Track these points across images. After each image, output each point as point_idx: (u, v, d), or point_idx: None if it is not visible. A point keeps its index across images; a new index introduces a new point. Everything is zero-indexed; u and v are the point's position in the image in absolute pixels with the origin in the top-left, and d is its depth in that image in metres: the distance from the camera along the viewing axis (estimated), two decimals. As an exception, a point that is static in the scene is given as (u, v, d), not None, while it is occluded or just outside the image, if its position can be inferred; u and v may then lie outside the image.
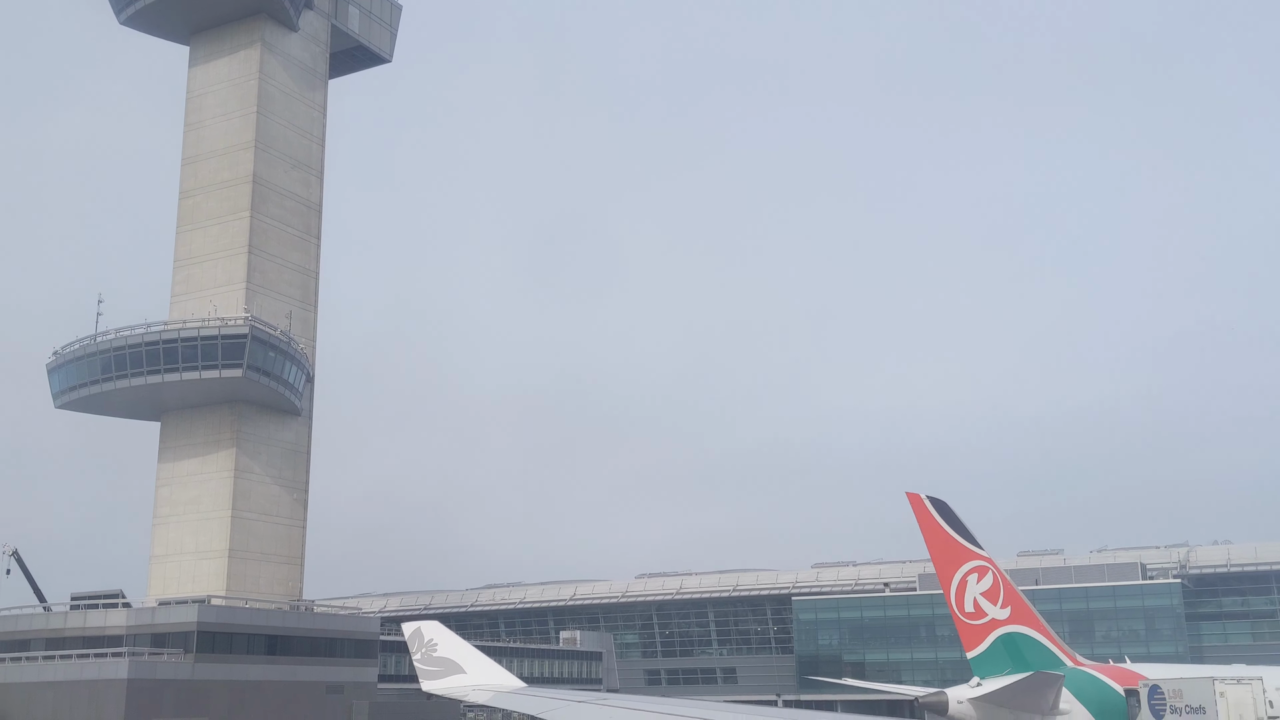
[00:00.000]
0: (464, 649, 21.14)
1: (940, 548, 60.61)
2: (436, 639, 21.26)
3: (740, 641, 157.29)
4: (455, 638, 21.50)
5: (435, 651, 21.12)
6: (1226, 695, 52.65)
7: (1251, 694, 53.26)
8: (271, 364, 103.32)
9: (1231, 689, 53.17)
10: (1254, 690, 53.47)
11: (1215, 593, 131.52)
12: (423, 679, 20.71)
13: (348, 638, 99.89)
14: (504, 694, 19.21)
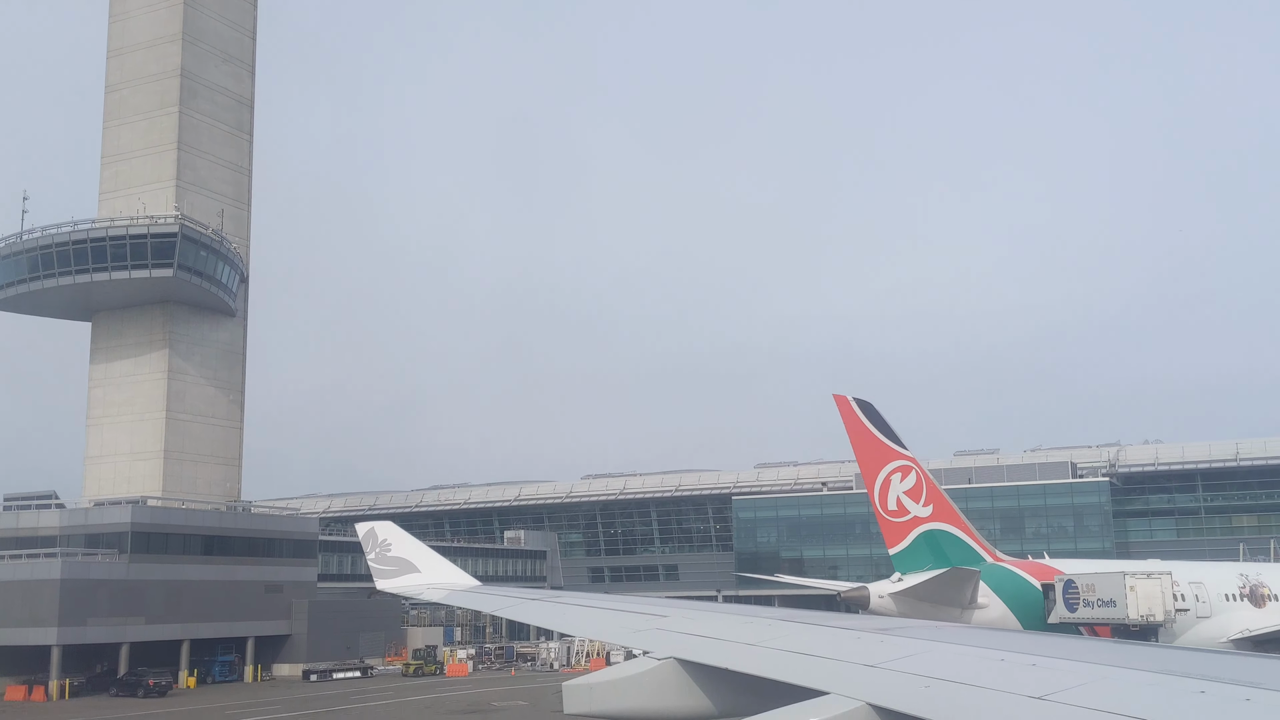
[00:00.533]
0: (418, 548, 21.30)
1: (865, 448, 61.35)
2: (390, 539, 21.40)
3: (682, 540, 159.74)
4: (409, 537, 21.65)
5: (389, 551, 21.22)
6: (1136, 589, 54.23)
7: (1160, 587, 54.90)
8: (203, 263, 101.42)
9: (1141, 583, 54.76)
10: (1163, 584, 55.12)
11: (1143, 491, 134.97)
12: (377, 578, 20.79)
13: (286, 538, 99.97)
14: (458, 592, 19.39)
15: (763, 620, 11.61)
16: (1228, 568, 70.39)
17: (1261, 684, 6.60)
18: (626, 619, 13.66)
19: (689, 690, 9.55)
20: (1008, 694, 7.16)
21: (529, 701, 70.01)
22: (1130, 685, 7.07)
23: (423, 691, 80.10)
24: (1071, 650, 8.68)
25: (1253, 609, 65.48)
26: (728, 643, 10.37)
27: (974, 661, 8.40)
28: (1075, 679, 7.18)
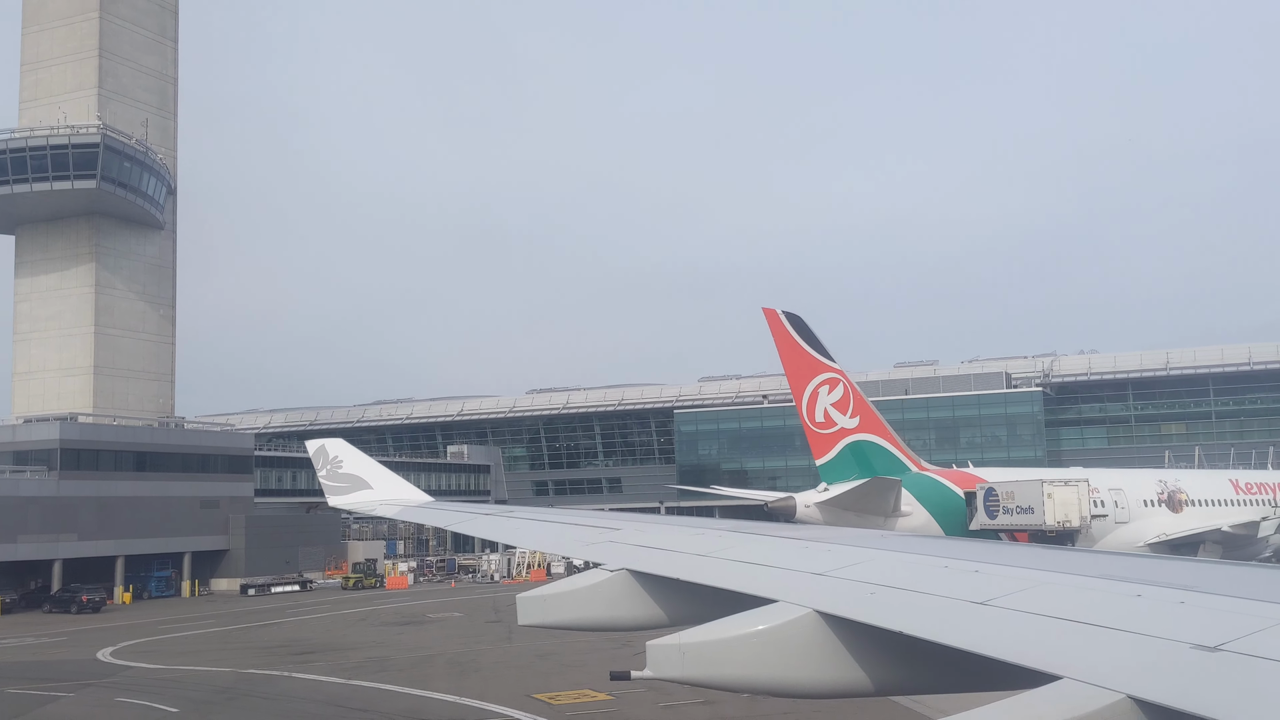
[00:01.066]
0: (369, 465, 21.07)
1: (793, 360, 61.60)
2: (341, 455, 21.15)
3: (625, 453, 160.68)
4: (359, 454, 21.38)
5: (340, 468, 20.99)
6: (1053, 496, 55.35)
7: (1077, 494, 56.09)
8: (127, 175, 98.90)
9: (1058, 490, 55.89)
10: (1079, 491, 56.30)
11: (1075, 400, 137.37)
12: (328, 495, 20.61)
13: (221, 453, 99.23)
14: (411, 508, 19.28)
15: (713, 532, 11.69)
16: (1147, 475, 72.06)
17: (1194, 587, 6.79)
18: (579, 532, 13.79)
19: (641, 600, 9.72)
20: (949, 599, 7.33)
21: (464, 613, 70.65)
22: (1068, 590, 7.22)
23: (360, 604, 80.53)
24: (1013, 557, 8.85)
25: (1170, 514, 67.24)
26: (679, 554, 10.56)
27: (918, 569, 8.57)
28: (1015, 584, 7.34)
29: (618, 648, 49.60)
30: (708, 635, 7.59)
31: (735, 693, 7.88)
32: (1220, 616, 6.11)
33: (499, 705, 35.21)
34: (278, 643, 56.51)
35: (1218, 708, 4.84)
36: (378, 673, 43.74)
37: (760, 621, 7.52)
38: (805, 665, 7.39)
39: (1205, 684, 5.24)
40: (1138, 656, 5.73)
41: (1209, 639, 5.62)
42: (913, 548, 9.81)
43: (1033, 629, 6.49)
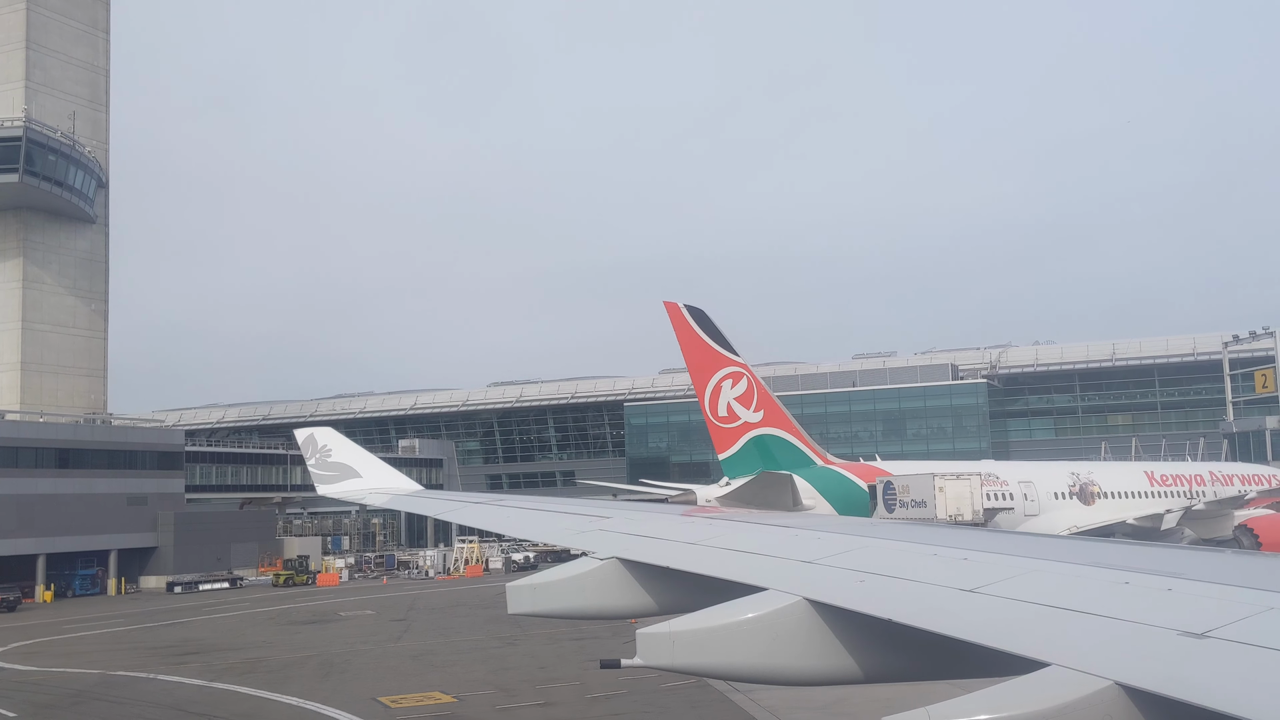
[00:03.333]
0: (358, 454, 21.11)
1: (695, 354, 61.11)
2: (330, 444, 21.25)
3: (580, 446, 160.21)
4: (349, 443, 21.40)
5: (330, 457, 21.03)
6: (945, 490, 55.03)
7: (969, 488, 55.79)
8: (54, 169, 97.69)
9: (950, 484, 55.57)
10: (971, 485, 56.01)
11: (1023, 391, 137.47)
12: (318, 484, 20.57)
13: (150, 449, 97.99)
14: (401, 496, 19.40)
15: (703, 520, 11.97)
16: (1060, 467, 71.85)
17: (1182, 574, 6.88)
18: (569, 520, 13.75)
19: (631, 588, 9.75)
20: (938, 587, 7.40)
21: (376, 611, 69.95)
22: (1056, 577, 7.30)
23: (280, 602, 79.77)
24: (1003, 545, 8.95)
25: (1081, 506, 67.04)
26: (669, 542, 10.61)
27: (907, 557, 8.62)
28: (1004, 572, 7.41)
29: (503, 647, 49.15)
30: (698, 623, 7.67)
31: (726, 680, 8.09)
32: (1207, 603, 6.19)
33: (336, 709, 34.58)
34: (168, 643, 55.72)
35: (1205, 694, 4.86)
36: (244, 675, 43.04)
37: (750, 609, 7.57)
38: (795, 653, 7.44)
39: (1192, 670, 5.24)
40: (1125, 643, 5.77)
41: (1196, 626, 5.64)
42: (902, 535, 9.85)
43: (1021, 616, 6.53)
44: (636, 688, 36.72)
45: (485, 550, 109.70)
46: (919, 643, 6.88)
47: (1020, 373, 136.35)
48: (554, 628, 55.63)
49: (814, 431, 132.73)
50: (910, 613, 6.99)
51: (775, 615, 7.49)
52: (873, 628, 7.19)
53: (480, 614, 65.09)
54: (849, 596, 7.53)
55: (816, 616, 7.45)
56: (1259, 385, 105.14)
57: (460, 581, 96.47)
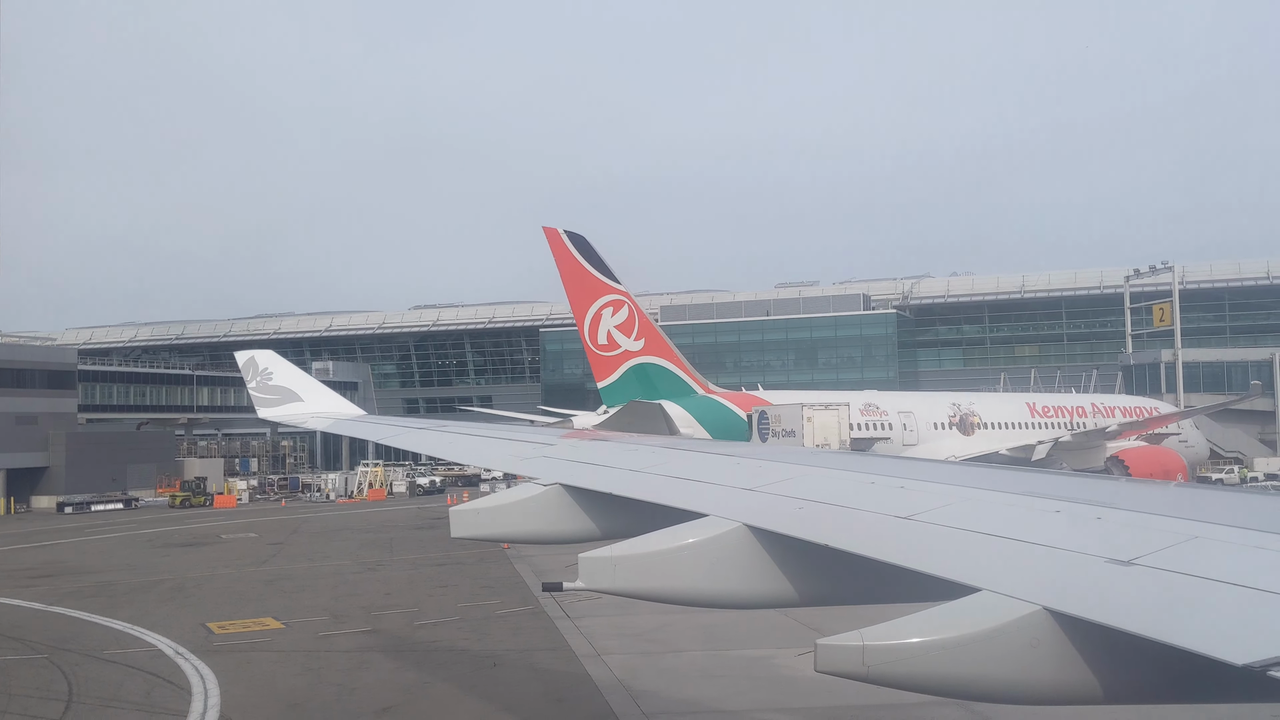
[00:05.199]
0: (300, 377, 20.52)
1: (575, 281, 60.58)
2: (271, 367, 20.63)
3: (497, 371, 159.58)
4: (291, 366, 20.75)
5: (270, 380, 20.41)
6: (813, 420, 55.36)
7: (837, 419, 56.18)
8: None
9: (818, 414, 55.92)
10: (839, 415, 56.40)
11: (934, 322, 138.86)
12: (258, 406, 19.99)
13: (39, 368, 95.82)
14: (343, 420, 18.90)
15: (647, 449, 11.82)
16: (942, 398, 72.80)
17: (1112, 504, 7.06)
18: (513, 447, 13.81)
19: (573, 514, 9.85)
20: (875, 514, 7.53)
21: (259, 534, 69.27)
22: (990, 505, 7.44)
23: (170, 524, 78.74)
24: (939, 474, 8.99)
25: (961, 437, 68.01)
26: (612, 469, 10.71)
27: (846, 485, 8.71)
28: (939, 500, 7.53)
29: (361, 573, 48.85)
30: (639, 548, 7.79)
31: (665, 603, 8.09)
32: (1135, 532, 6.29)
33: (158, 635, 34.01)
34: (28, 565, 54.71)
35: (1128, 619, 5.02)
36: (87, 599, 42.30)
37: (691, 535, 7.72)
38: (734, 577, 7.60)
39: (1117, 597, 5.41)
40: (1054, 570, 5.94)
41: (1123, 554, 5.79)
42: (841, 464, 9.99)
43: (954, 543, 6.68)
44: (468, 614, 36.66)
45: (389, 474, 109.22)
46: (856, 568, 7.00)
47: (932, 303, 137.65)
48: (420, 554, 55.53)
49: (727, 360, 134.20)
50: (847, 539, 7.11)
51: (715, 541, 7.62)
52: (810, 554, 7.31)
53: (359, 538, 64.78)
54: (787, 523, 7.63)
55: (755, 542, 7.57)
56: (1156, 319, 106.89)
57: (360, 505, 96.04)
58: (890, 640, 5.49)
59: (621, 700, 24.40)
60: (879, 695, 24.12)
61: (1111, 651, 5.25)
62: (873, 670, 5.47)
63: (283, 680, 27.39)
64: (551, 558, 48.55)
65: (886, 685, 5.54)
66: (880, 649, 5.47)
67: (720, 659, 28.34)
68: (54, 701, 25.60)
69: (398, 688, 26.21)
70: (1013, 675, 5.37)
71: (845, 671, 5.56)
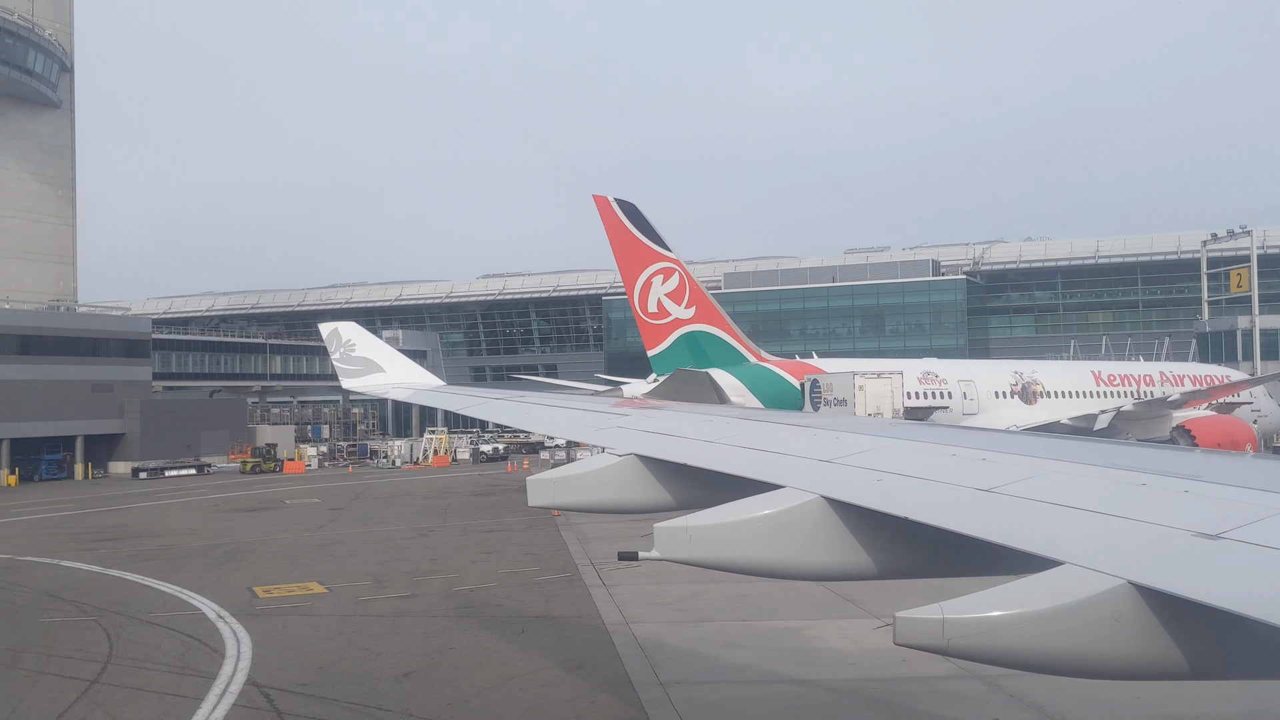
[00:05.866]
0: (382, 349, 21.49)
1: (625, 249, 60.42)
2: (354, 339, 21.65)
3: (561, 339, 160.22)
4: (373, 338, 21.71)
5: (354, 351, 21.43)
6: (865, 389, 54.64)
7: (890, 387, 55.35)
8: (11, 52, 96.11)
9: (871, 383, 55.15)
10: (893, 384, 55.57)
11: (1004, 288, 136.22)
12: (342, 378, 21.01)
13: (115, 337, 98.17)
14: (423, 391, 19.79)
15: (722, 419, 11.90)
16: (1004, 366, 71.44)
17: (1199, 476, 6.92)
18: (588, 417, 13.96)
19: (648, 485, 9.97)
20: (955, 486, 7.50)
21: (322, 499, 70.57)
22: (1074, 478, 7.36)
23: (238, 489, 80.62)
24: (1022, 445, 8.90)
25: (1023, 406, 66.78)
26: (687, 440, 10.73)
27: (925, 456, 8.66)
28: (1022, 472, 7.48)
29: (412, 539, 49.41)
30: (715, 519, 7.79)
31: (740, 574, 8.07)
32: (1223, 506, 6.24)
33: (205, 598, 34.87)
34: (95, 529, 56.40)
35: (1215, 594, 4.93)
36: (144, 562, 43.50)
37: (767, 506, 7.73)
38: (810, 549, 7.60)
39: (1205, 571, 5.32)
40: (1139, 543, 5.86)
41: (1210, 527, 5.71)
42: (921, 436, 9.89)
43: (1037, 516, 6.62)
44: (506, 581, 36.98)
45: (454, 441, 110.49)
46: (935, 541, 7.00)
47: (1003, 269, 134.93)
48: (472, 520, 56.10)
49: (791, 327, 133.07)
50: (926, 511, 7.05)
51: (792, 512, 7.62)
52: (888, 526, 7.30)
53: (416, 504, 65.67)
54: (866, 495, 7.62)
55: (833, 514, 7.56)
56: (1234, 284, 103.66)
57: (424, 471, 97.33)
58: (971, 613, 5.49)
59: (640, 668, 24.44)
60: (901, 669, 24.02)
61: (1198, 627, 5.22)
62: (952, 643, 5.47)
63: (314, 644, 27.89)
64: (600, 525, 48.85)
65: (966, 658, 5.58)
66: (961, 622, 5.47)
67: (748, 629, 28.23)
68: (92, 663, 26.36)
69: (422, 653, 26.54)
70: (1095, 650, 5.36)
71: (924, 644, 5.57)
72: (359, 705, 22.07)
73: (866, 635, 26.94)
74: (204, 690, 23.43)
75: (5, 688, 24.45)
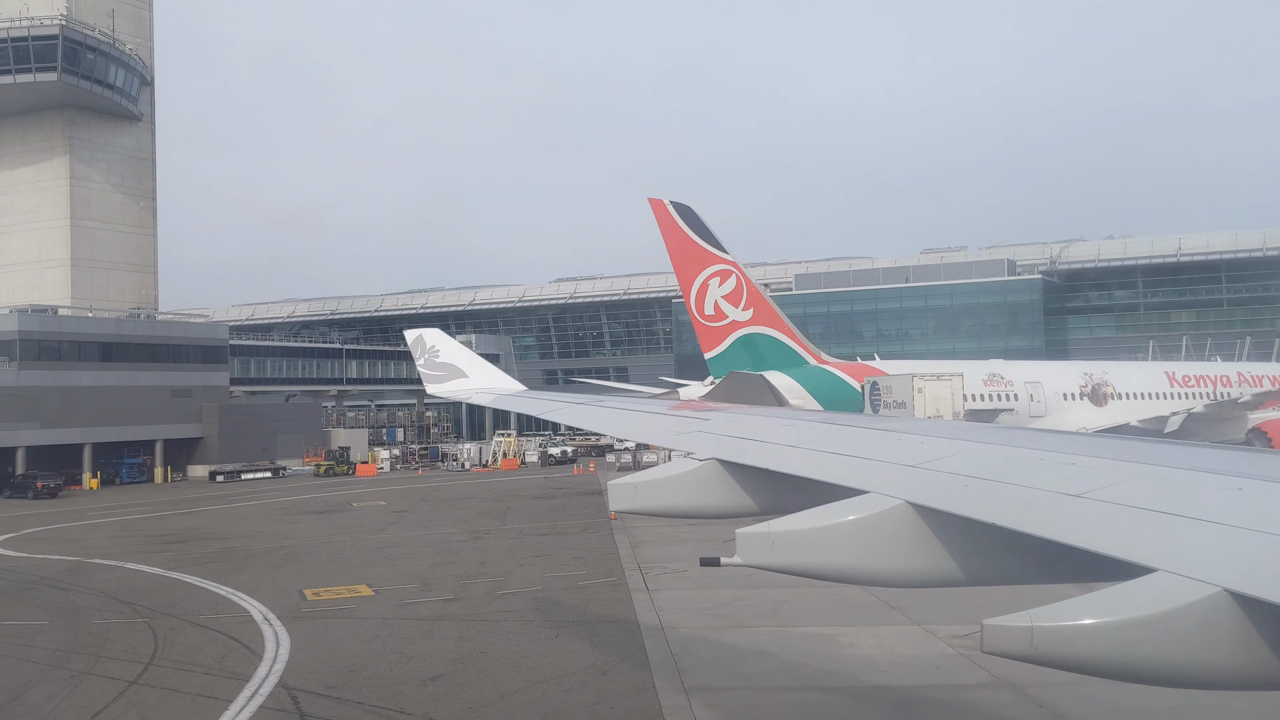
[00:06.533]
0: (465, 354, 22.32)
1: (681, 251, 60.28)
2: (438, 345, 22.57)
3: (632, 342, 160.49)
4: (456, 344, 22.57)
5: (438, 357, 22.37)
6: (924, 391, 53.81)
7: (950, 389, 54.45)
8: (93, 67, 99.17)
9: (930, 385, 54.32)
10: (952, 386, 54.66)
11: (1082, 287, 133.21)
12: (427, 383, 21.92)
13: (194, 344, 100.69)
14: (505, 396, 20.38)
15: (803, 423, 11.96)
16: (1073, 367, 69.95)
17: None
18: (669, 421, 14.06)
19: (730, 489, 10.01)
20: (1044, 491, 7.34)
21: (388, 502, 71.53)
22: (1167, 482, 7.21)
23: (310, 492, 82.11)
24: (1112, 449, 8.77)
25: (1093, 408, 65.36)
26: (769, 444, 10.65)
27: (1013, 460, 8.53)
28: (1113, 477, 7.33)
29: (468, 541, 49.80)
30: (798, 524, 7.77)
31: (823, 580, 8.08)
32: None
33: (257, 601, 35.56)
34: (165, 532, 57.84)
35: None
36: (205, 564, 44.49)
37: (851, 512, 7.69)
38: (896, 555, 7.53)
39: None
40: (1236, 550, 5.68)
41: None
42: (1008, 440, 9.75)
43: (1129, 521, 6.48)
44: (551, 584, 37.09)
45: (523, 444, 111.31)
46: (1023, 547, 6.92)
47: (1082, 268, 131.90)
48: (529, 523, 56.38)
49: (863, 329, 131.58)
50: (1015, 517, 6.97)
51: (877, 518, 7.55)
52: (975, 531, 7.21)
53: (478, 507, 66.18)
54: (952, 500, 7.53)
55: (919, 519, 7.50)
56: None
57: (493, 474, 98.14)
58: (1061, 621, 5.41)
59: (666, 674, 24.33)
60: (931, 676, 23.60)
61: None
62: (1041, 651, 5.40)
63: (350, 646, 28.24)
64: (655, 529, 48.85)
65: (1055, 667, 5.47)
66: (1050, 630, 5.39)
67: (780, 635, 27.94)
68: (135, 664, 27.01)
69: (453, 657, 26.72)
70: (1190, 659, 5.23)
71: (1013, 652, 5.49)
72: (381, 709, 22.31)
73: (899, 642, 26.55)
74: (235, 692, 23.86)
75: (48, 687, 25.17)
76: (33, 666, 27.32)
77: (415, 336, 22.30)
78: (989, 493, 7.61)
